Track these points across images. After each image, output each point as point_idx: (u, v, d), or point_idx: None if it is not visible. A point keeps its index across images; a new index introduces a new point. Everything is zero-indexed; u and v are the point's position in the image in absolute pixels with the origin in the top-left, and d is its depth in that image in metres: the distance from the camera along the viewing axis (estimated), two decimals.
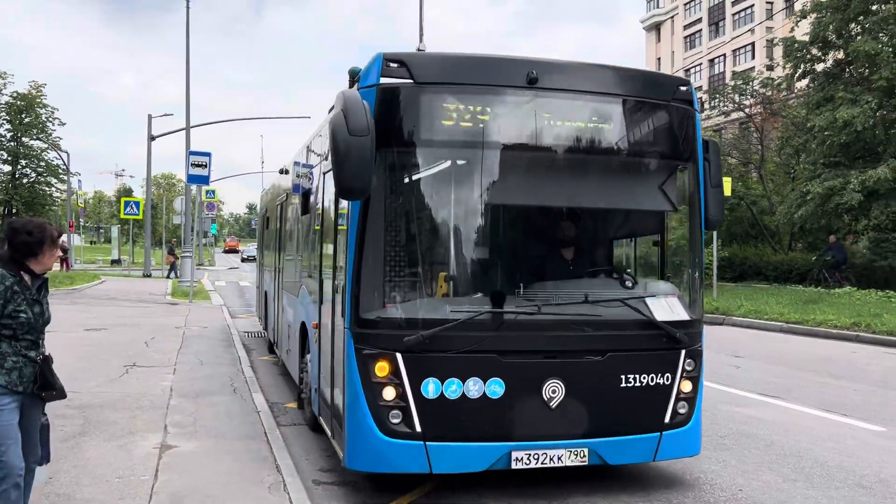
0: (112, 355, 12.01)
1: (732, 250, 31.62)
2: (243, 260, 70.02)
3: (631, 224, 6.96)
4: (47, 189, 52.44)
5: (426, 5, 27.25)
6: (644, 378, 5.75)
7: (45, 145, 49.45)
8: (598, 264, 6.93)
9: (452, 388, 5.41)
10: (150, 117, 34.98)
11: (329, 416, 6.55)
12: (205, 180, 22.60)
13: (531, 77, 5.50)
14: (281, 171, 11.06)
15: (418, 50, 22.91)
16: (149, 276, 35.87)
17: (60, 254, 35.63)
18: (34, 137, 49.22)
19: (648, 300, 5.95)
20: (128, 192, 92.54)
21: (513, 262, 6.46)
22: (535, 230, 6.68)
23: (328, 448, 7.11)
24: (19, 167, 50.24)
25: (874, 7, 25.67)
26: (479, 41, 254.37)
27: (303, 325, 8.18)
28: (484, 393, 5.44)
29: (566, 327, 5.62)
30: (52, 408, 8.10)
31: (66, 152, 47.10)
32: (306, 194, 8.31)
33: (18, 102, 48.21)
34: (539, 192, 5.89)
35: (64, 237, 37.42)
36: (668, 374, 5.84)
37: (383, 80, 5.32)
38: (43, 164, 50.59)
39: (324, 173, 6.89)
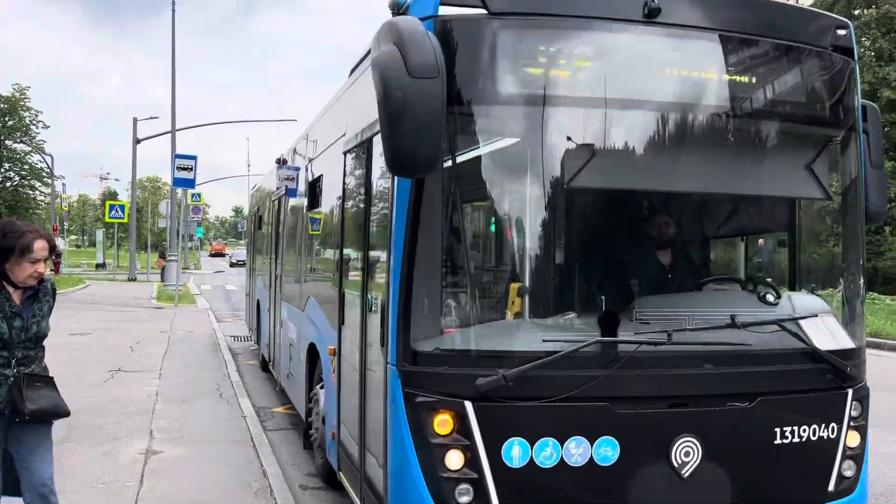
0: (97, 360, 11.92)
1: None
2: (232, 265, 66.91)
3: (760, 216, 5.14)
4: (31, 192, 51.98)
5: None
6: (804, 430, 4.14)
7: (29, 148, 49.04)
8: (724, 271, 5.43)
9: (546, 452, 3.74)
10: (135, 120, 34.80)
11: (357, 479, 4.88)
12: (191, 184, 22.46)
13: (651, 7, 3.86)
14: (278, 162, 9.44)
15: None
16: (134, 279, 35.64)
17: (54, 258, 35.52)
18: (17, 140, 48.79)
19: (804, 322, 4.30)
20: (112, 195, 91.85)
21: (621, 269, 4.64)
22: (645, 225, 4.78)
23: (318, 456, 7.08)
24: (2, 171, 49.77)
25: (856, 12, 25.91)
26: None
27: (312, 347, 6.64)
28: (591, 458, 3.80)
29: (701, 362, 4.01)
30: None
31: (51, 155, 46.83)
32: (316, 183, 6.81)
33: (1, 105, 47.78)
34: (655, 173, 4.19)
35: (60, 242, 37.22)
36: (832, 424, 4.23)
37: (443, 11, 3.70)
38: (27, 167, 50.14)
39: (346, 152, 5.25)
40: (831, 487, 4.23)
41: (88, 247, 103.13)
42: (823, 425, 4.20)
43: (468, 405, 3.68)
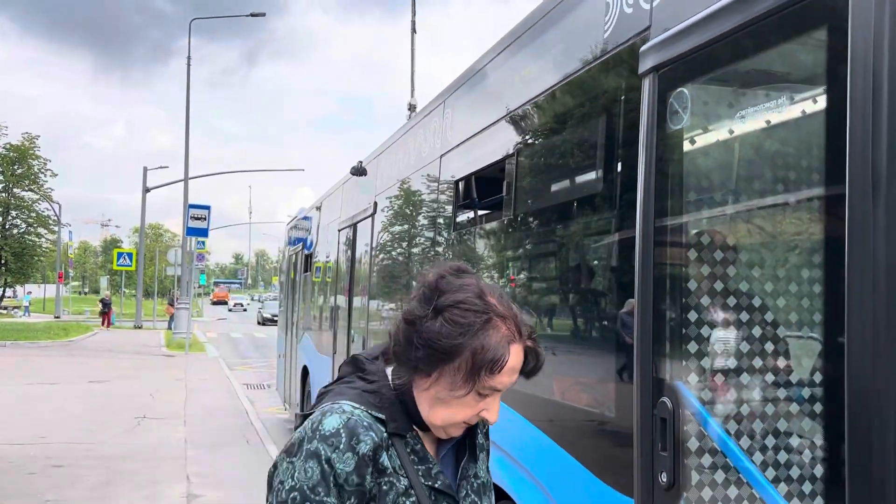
0: (121, 407, 12.19)
1: None
2: (230, 309, 70.64)
3: None
4: (37, 239, 52.42)
5: (420, 56, 27.87)
6: None
7: (37, 196, 49.62)
8: None
9: None
10: (145, 170, 35.41)
11: None
12: (204, 233, 22.93)
13: None
14: (356, 172, 6.94)
15: (410, 105, 20.59)
16: (140, 327, 35.84)
17: (101, 308, 35.27)
18: (26, 188, 49.39)
19: None
20: (114, 242, 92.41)
21: None
22: None
23: None
24: (10, 218, 50.29)
25: None
26: None
27: None
28: None
29: None
30: (73, 458, 8.37)
31: (59, 203, 47.33)
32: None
33: (11, 154, 48.49)
34: None
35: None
36: None
37: None
38: (34, 214, 50.66)
39: None
40: None
41: (89, 293, 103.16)
42: None
43: None
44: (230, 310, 72.40)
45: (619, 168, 2.65)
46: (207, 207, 22.95)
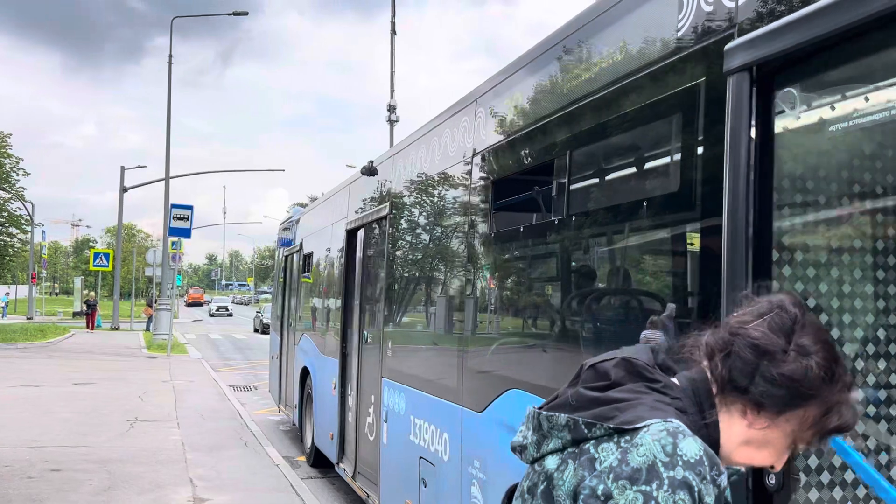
0: (111, 410, 11.99)
1: None
2: (212, 314, 64.15)
3: None
4: (8, 240, 51.52)
5: (396, 59, 27.87)
6: None
7: (9, 195, 48.76)
8: None
9: None
10: (122, 169, 34.92)
11: None
12: (187, 233, 22.66)
13: None
14: (367, 172, 6.73)
15: (389, 107, 20.56)
16: (117, 328, 35.35)
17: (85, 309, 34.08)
18: None
19: None
20: (86, 242, 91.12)
21: None
22: None
23: (356, 500, 7.28)
24: None
25: None
26: (442, 96, 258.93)
27: None
28: None
29: None
30: (70, 462, 8.20)
31: (31, 203, 46.56)
32: None
33: None
34: None
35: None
36: None
37: None
38: (5, 214, 49.78)
39: None
40: None
41: (60, 294, 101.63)
42: None
43: None
44: (212, 315, 64.17)
45: (694, 169, 2.62)
46: (190, 207, 22.68)
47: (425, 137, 5.48)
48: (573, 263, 3.55)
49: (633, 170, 3.12)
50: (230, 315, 63.63)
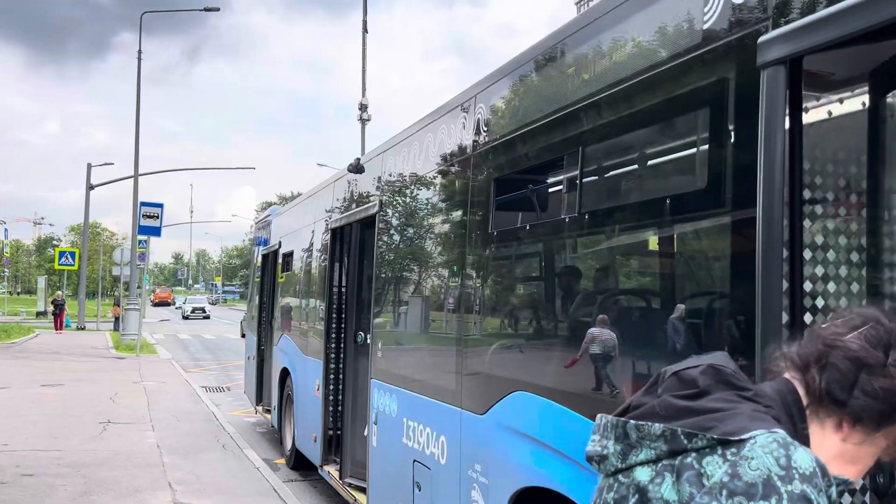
0: (81, 412, 11.70)
1: None
2: (186, 317, 55.70)
3: None
4: None
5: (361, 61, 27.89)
6: None
7: None
8: None
9: None
10: (89, 166, 34.25)
11: None
12: (156, 231, 22.24)
13: None
14: (353, 169, 6.61)
15: (361, 105, 20.44)
16: (83, 328, 34.67)
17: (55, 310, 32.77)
18: None
19: None
20: (49, 241, 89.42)
21: None
22: None
23: (341, 503, 7.15)
24: None
25: None
26: (413, 96, 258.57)
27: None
28: None
29: None
30: (43, 466, 7.96)
31: None
32: None
33: None
34: None
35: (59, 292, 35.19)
36: None
37: None
38: None
39: None
40: None
41: (22, 294, 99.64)
42: None
43: None
44: (186, 317, 55.95)
45: (721, 166, 2.55)
46: (160, 205, 22.28)
47: (419, 134, 5.37)
48: (586, 262, 3.47)
49: (652, 166, 3.04)
50: (207, 317, 56.04)
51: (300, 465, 8.77)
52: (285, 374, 9.44)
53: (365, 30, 36.46)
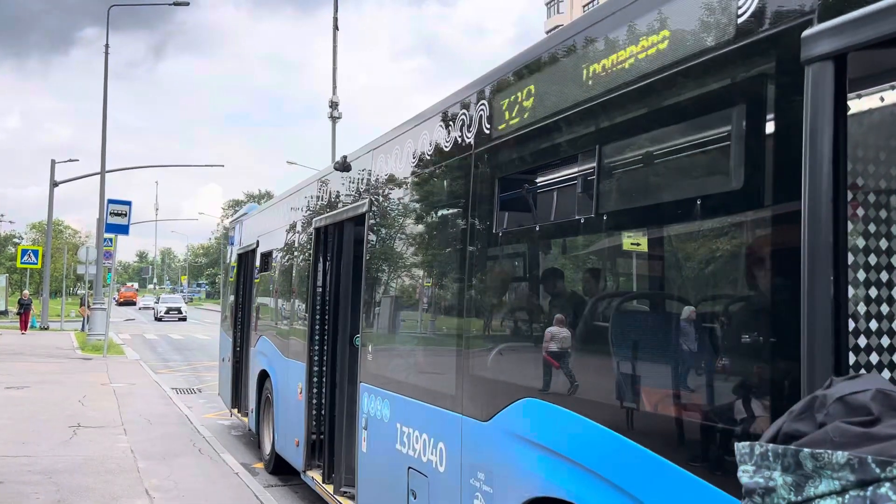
0: (50, 416, 11.35)
1: None
2: (159, 318, 49.96)
3: None
4: None
5: (331, 59, 27.67)
6: None
7: None
8: None
9: None
10: (53, 163, 33.47)
11: None
12: (124, 230, 21.76)
13: None
14: (340, 167, 6.50)
15: (332, 103, 20.21)
16: (46, 328, 33.91)
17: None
18: None
19: None
20: (8, 239, 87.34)
21: None
22: None
23: None
24: None
25: None
26: (383, 94, 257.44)
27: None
28: None
29: None
30: (13, 473, 7.67)
31: None
32: None
33: None
34: None
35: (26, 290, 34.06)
36: None
37: None
38: None
39: None
40: None
41: None
42: None
43: None
44: (160, 318, 50.33)
45: (758, 166, 2.45)
46: (128, 203, 21.83)
47: (413, 131, 5.22)
48: (603, 263, 3.35)
49: (680, 166, 2.93)
50: (184, 319, 50.22)
51: (280, 469, 8.57)
52: (264, 376, 9.23)
53: (336, 27, 36.20)
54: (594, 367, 3.28)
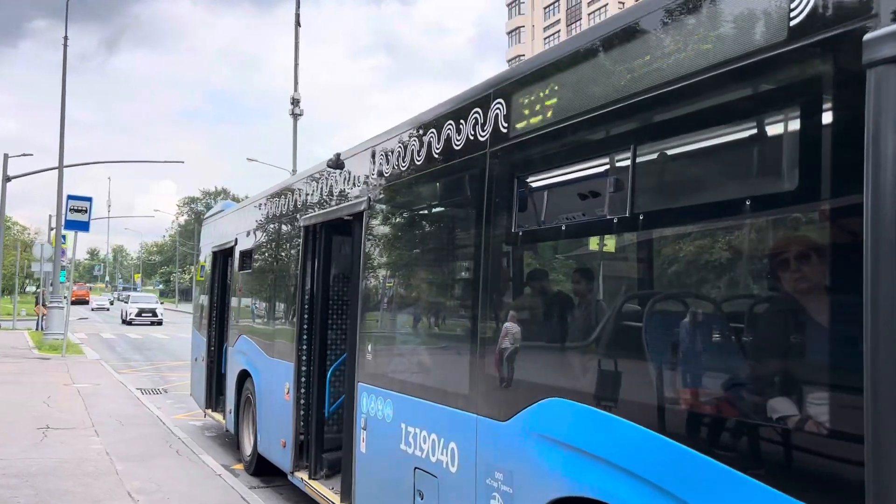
0: (17, 417, 11.04)
1: None
2: (128, 321, 43.17)
3: None
4: None
5: (291, 56, 27.44)
6: None
7: None
8: None
9: None
10: (6, 157, 32.45)
11: None
12: (85, 226, 21.27)
13: None
14: (334, 165, 6.46)
15: (293, 100, 20.10)
16: None
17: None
18: None
19: None
20: None
21: None
22: None
23: None
24: None
25: None
26: (342, 93, 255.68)
27: None
28: None
29: None
30: None
31: None
32: None
33: None
34: None
35: None
36: None
37: None
38: None
39: None
40: None
41: None
42: None
43: None
44: (129, 321, 43.45)
45: (819, 169, 2.48)
46: (89, 199, 21.37)
47: (418, 129, 5.18)
48: (632, 263, 3.36)
49: (725, 166, 2.96)
50: (160, 323, 43.51)
51: (261, 470, 8.46)
52: (244, 376, 9.08)
53: (298, 23, 35.85)
54: (627, 367, 3.28)
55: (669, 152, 3.19)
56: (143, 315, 43.62)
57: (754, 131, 2.84)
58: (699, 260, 3.02)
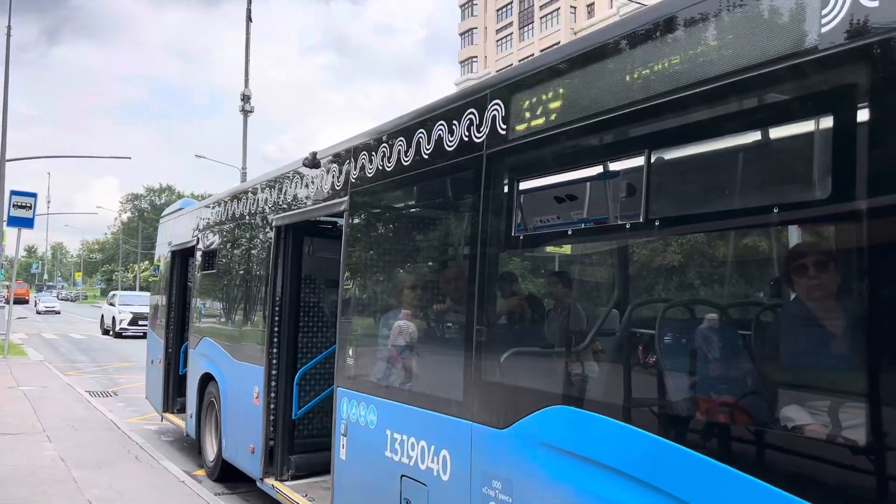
0: None
1: None
2: (113, 333, 30.42)
3: None
4: None
5: (240, 52, 27.00)
6: None
7: None
8: None
9: None
10: None
11: None
12: (29, 223, 20.55)
13: None
14: (310, 164, 6.26)
15: (244, 96, 19.69)
16: None
17: None
18: None
19: None
20: None
21: None
22: None
23: None
24: None
25: None
26: (291, 90, 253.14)
27: None
28: None
29: None
30: None
31: None
32: None
33: None
34: None
35: None
36: None
37: None
38: None
39: None
40: None
41: None
42: None
43: None
44: (118, 333, 31.02)
45: (851, 173, 2.46)
46: (34, 195, 20.68)
47: (407, 128, 5.07)
48: (642, 268, 3.32)
49: (742, 172, 2.94)
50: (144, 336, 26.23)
51: (225, 476, 8.23)
52: (207, 379, 8.83)
53: (249, 18, 35.27)
54: (637, 374, 3.24)
55: (678, 157, 3.16)
56: (140, 324, 29.49)
57: (758, 138, 2.83)
58: (708, 266, 3.00)
